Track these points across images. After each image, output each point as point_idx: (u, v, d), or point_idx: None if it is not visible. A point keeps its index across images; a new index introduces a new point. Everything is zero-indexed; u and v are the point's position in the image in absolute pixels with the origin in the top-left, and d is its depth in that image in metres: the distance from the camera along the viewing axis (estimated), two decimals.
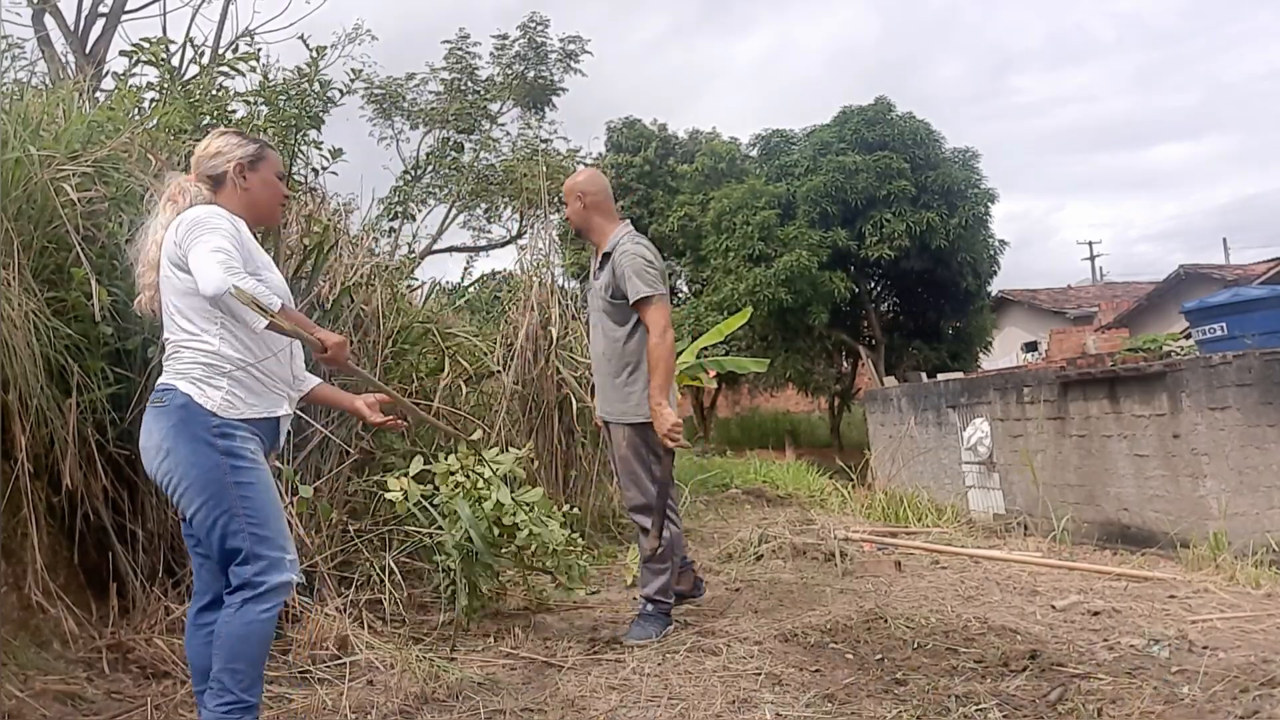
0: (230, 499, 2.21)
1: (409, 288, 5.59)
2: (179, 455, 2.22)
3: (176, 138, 4.28)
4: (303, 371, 2.53)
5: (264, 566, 2.22)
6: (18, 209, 3.01)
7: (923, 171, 17.90)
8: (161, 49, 5.23)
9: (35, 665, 2.70)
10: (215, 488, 2.21)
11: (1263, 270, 18.67)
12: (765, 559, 5.04)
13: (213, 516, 2.21)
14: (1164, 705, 2.58)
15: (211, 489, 2.21)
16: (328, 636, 3.10)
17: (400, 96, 15.02)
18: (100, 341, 3.11)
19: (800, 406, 25.73)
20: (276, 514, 2.29)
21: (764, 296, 16.93)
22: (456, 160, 14.32)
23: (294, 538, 2.52)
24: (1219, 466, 7.54)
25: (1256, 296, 8.95)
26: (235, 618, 2.21)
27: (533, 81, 15.16)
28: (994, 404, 10.65)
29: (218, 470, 2.21)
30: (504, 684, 2.94)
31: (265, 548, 2.23)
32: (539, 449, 5.37)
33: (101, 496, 3.07)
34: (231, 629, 2.21)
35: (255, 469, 2.26)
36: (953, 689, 2.75)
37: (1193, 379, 7.85)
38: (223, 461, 2.21)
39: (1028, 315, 25.94)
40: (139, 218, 2.74)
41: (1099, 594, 4.04)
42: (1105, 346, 16.09)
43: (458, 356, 4.97)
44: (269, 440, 2.37)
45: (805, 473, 14.34)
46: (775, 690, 2.83)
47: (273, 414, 2.36)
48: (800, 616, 3.70)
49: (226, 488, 2.21)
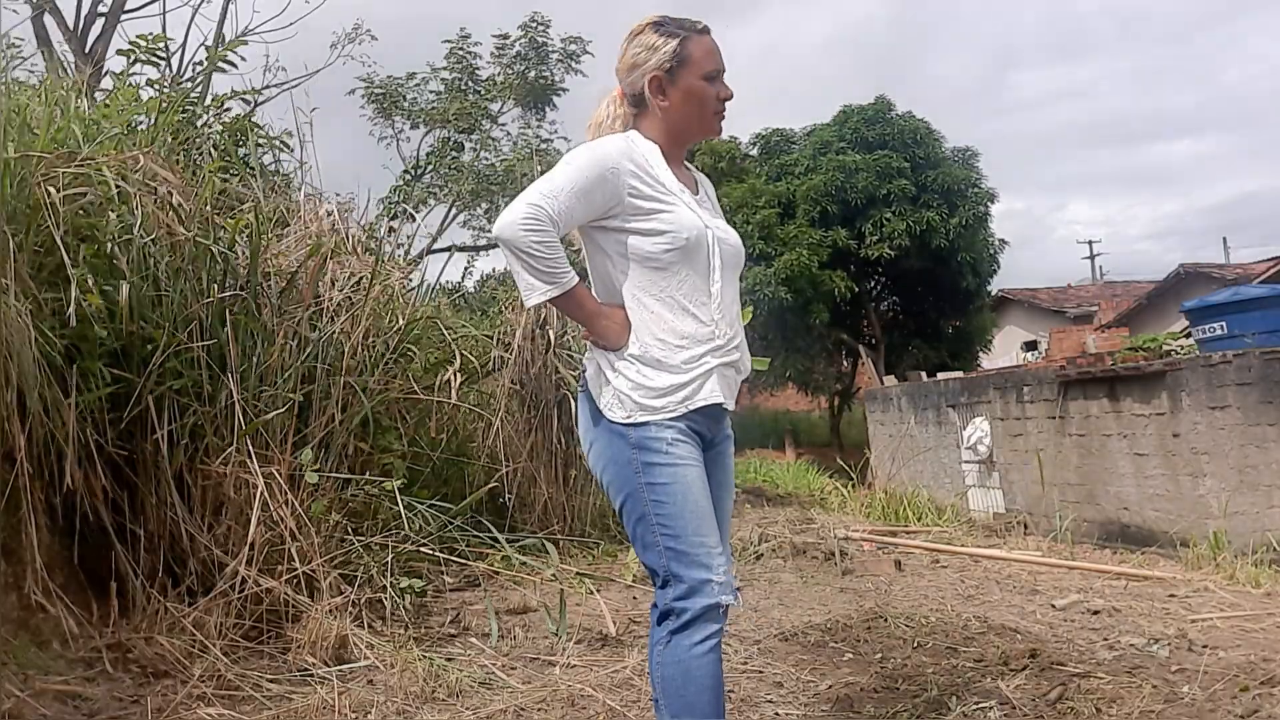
0: (643, 502, 1.85)
1: (408, 288, 5.59)
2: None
3: (175, 137, 4.28)
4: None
5: (684, 590, 1.82)
6: (14, 209, 3.01)
7: (923, 171, 17.90)
8: (158, 47, 5.23)
9: (35, 665, 2.70)
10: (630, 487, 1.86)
11: (1263, 269, 18.67)
12: (765, 558, 5.04)
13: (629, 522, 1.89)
14: (1164, 704, 2.58)
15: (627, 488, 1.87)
16: (328, 636, 3.10)
17: (400, 96, 15.03)
18: (98, 342, 3.11)
19: (800, 406, 25.72)
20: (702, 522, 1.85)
21: (764, 295, 16.92)
22: (457, 160, 14.33)
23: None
24: (1219, 465, 7.53)
25: (1256, 295, 8.94)
26: (667, 654, 1.83)
27: (533, 81, 15.16)
28: (994, 403, 10.64)
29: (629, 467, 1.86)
30: (503, 684, 2.94)
31: (682, 565, 1.82)
32: (539, 448, 5.37)
33: (101, 496, 3.07)
34: (667, 670, 1.83)
35: (673, 467, 1.84)
36: (953, 688, 2.75)
37: (1193, 378, 7.84)
38: (634, 457, 1.86)
39: (1028, 314, 25.93)
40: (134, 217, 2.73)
41: (1099, 593, 4.04)
42: (1105, 346, 16.08)
43: (462, 351, 4.97)
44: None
45: (805, 472, 14.35)
46: (775, 690, 2.83)
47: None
48: (800, 616, 3.70)
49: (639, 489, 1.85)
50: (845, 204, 17.64)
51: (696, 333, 1.87)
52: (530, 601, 4.01)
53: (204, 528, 3.31)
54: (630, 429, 1.84)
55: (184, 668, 2.85)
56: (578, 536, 5.30)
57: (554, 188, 1.81)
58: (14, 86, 4.03)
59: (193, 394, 3.38)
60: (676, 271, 1.88)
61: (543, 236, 1.79)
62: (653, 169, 1.90)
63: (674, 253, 1.86)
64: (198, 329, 3.40)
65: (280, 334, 3.68)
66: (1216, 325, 8.68)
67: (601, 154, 1.86)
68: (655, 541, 1.83)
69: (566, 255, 1.87)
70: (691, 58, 1.93)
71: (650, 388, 1.84)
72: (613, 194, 1.85)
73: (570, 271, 1.84)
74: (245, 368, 3.50)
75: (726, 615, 1.85)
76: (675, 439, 1.83)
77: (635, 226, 1.87)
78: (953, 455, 11.41)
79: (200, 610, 3.08)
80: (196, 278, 3.49)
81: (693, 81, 1.93)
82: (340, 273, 4.32)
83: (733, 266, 1.98)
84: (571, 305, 1.88)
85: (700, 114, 1.97)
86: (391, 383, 4.37)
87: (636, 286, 1.89)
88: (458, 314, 5.72)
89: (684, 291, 1.88)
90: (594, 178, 1.83)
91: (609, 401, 1.88)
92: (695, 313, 1.88)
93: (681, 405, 1.84)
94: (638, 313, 1.88)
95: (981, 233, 18.40)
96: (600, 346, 1.91)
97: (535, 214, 1.78)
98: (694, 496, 1.83)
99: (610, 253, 1.91)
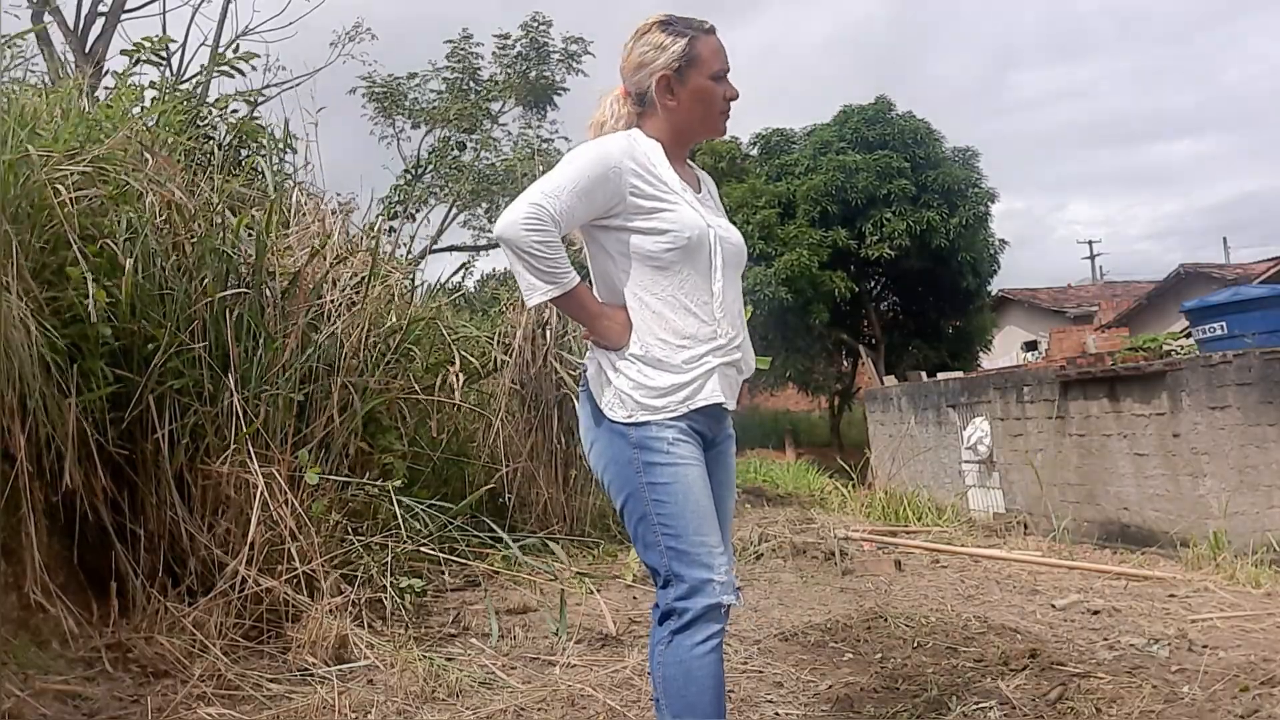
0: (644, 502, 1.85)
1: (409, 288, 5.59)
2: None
3: (176, 136, 4.28)
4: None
5: (685, 590, 1.81)
6: (16, 208, 3.01)
7: (923, 171, 17.91)
8: (162, 47, 5.23)
9: (35, 665, 2.70)
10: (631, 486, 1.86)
11: (1263, 269, 18.67)
12: (765, 558, 5.04)
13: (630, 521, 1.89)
14: (1164, 704, 2.58)
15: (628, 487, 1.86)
16: (328, 636, 3.10)
17: (402, 95, 15.04)
18: (99, 341, 3.11)
19: (800, 406, 25.73)
20: (704, 521, 1.84)
21: (764, 295, 16.92)
22: (457, 159, 14.34)
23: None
24: (1219, 465, 7.54)
25: (1256, 295, 8.94)
26: (668, 654, 1.83)
27: (534, 81, 15.17)
28: (994, 403, 10.65)
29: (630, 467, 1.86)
30: (503, 684, 2.94)
31: (683, 565, 1.81)
32: (539, 448, 5.38)
33: (101, 496, 3.07)
34: (668, 670, 1.82)
35: (674, 467, 1.83)
36: (953, 688, 2.75)
37: (1193, 378, 7.84)
38: (635, 456, 1.85)
39: (1028, 314, 25.94)
40: (137, 216, 2.73)
41: (1099, 593, 4.04)
42: (1105, 346, 16.08)
43: (463, 351, 4.97)
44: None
45: (805, 472, 14.37)
46: (775, 690, 2.83)
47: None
48: (800, 616, 3.70)
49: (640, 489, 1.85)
50: (845, 204, 17.65)
51: (698, 332, 1.86)
52: (530, 601, 4.00)
53: (204, 527, 3.31)
54: (631, 428, 1.84)
55: (184, 667, 2.85)
56: (578, 536, 5.30)
57: (555, 187, 1.80)
58: (17, 86, 4.03)
59: (193, 394, 3.38)
60: (678, 271, 1.87)
61: (544, 236, 1.78)
62: (655, 168, 1.89)
63: (675, 252, 1.85)
64: (199, 328, 3.40)
65: (283, 334, 3.68)
66: (1216, 325, 8.69)
67: (604, 152, 1.85)
68: (656, 541, 1.82)
69: (568, 254, 1.87)
70: (700, 57, 1.92)
71: (651, 387, 1.84)
72: (615, 193, 1.84)
73: (571, 271, 1.83)
74: (246, 367, 3.50)
75: (728, 615, 1.85)
76: (676, 438, 1.83)
77: (637, 225, 1.86)
78: (953, 455, 11.42)
79: (200, 610, 3.07)
80: (200, 277, 3.49)
81: (701, 81, 1.93)
82: (342, 272, 4.32)
83: (735, 265, 1.98)
84: (573, 305, 1.88)
85: (707, 114, 1.96)
86: (392, 383, 4.37)
87: (638, 286, 1.88)
88: (458, 314, 5.71)
89: (685, 291, 1.87)
90: (596, 177, 1.82)
91: (610, 401, 1.87)
92: (697, 312, 1.87)
93: (683, 405, 1.84)
94: (639, 312, 1.87)
95: (981, 233, 18.42)
96: (602, 346, 1.91)
97: (537, 213, 1.78)
98: (695, 496, 1.82)
99: (612, 252, 1.90)
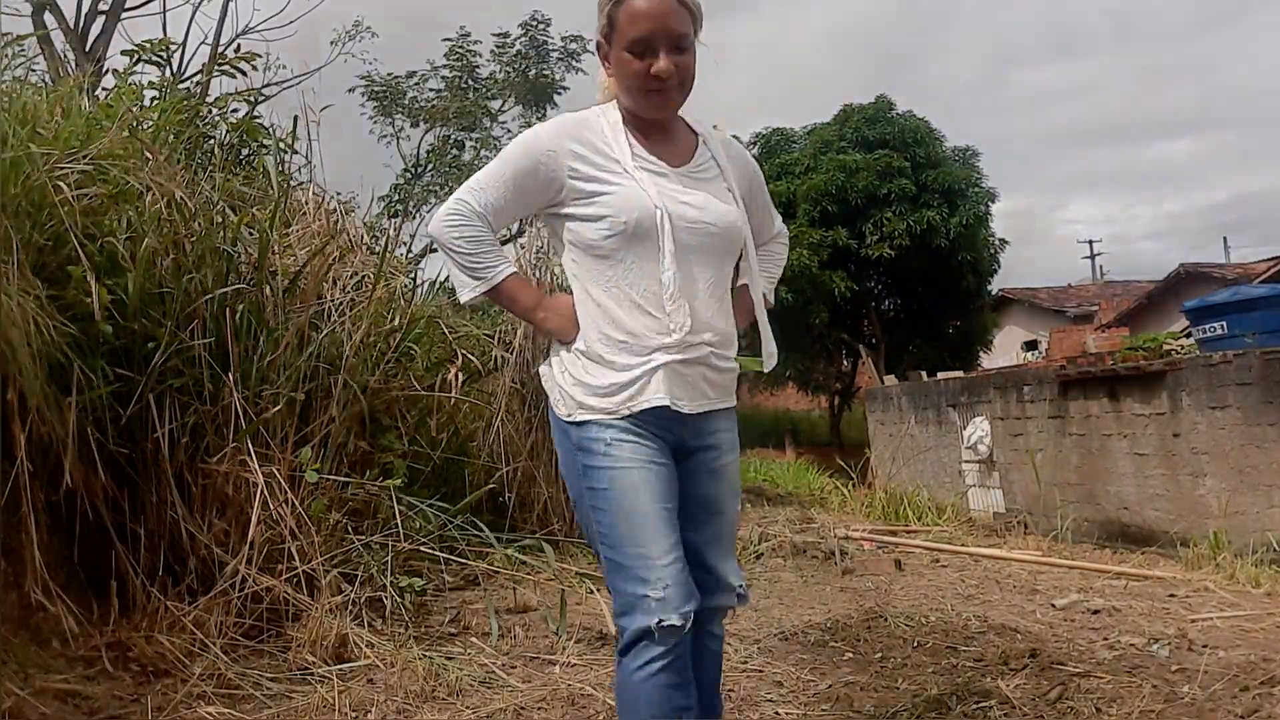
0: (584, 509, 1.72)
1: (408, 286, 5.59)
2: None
3: (177, 136, 4.28)
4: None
5: (620, 606, 1.65)
6: (17, 207, 3.01)
7: (923, 170, 17.90)
8: (162, 49, 5.22)
9: (35, 664, 2.70)
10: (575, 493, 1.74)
11: (1263, 269, 18.66)
12: (765, 558, 5.04)
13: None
14: (1164, 704, 2.58)
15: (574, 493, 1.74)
16: (328, 635, 3.10)
17: (401, 94, 15.03)
18: (100, 340, 3.11)
19: (800, 405, 25.75)
20: (641, 531, 1.64)
21: None
22: (457, 158, 14.33)
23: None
24: (1219, 465, 7.54)
25: (1257, 295, 8.95)
26: (617, 676, 1.67)
27: (534, 79, 15.16)
28: (994, 403, 10.65)
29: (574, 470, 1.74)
30: (503, 683, 2.94)
31: (621, 580, 1.64)
32: (539, 448, 5.37)
33: (101, 495, 3.07)
34: (617, 693, 1.68)
35: (611, 470, 1.67)
36: (953, 688, 2.75)
37: (1193, 378, 7.85)
38: (577, 458, 1.72)
39: (1028, 314, 25.94)
40: (138, 215, 2.73)
41: (1099, 593, 4.04)
42: (1105, 345, 16.09)
43: (463, 350, 4.97)
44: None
45: (805, 471, 14.37)
46: (775, 690, 2.83)
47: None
48: (800, 616, 3.70)
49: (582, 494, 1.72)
50: (845, 203, 17.64)
51: (645, 328, 1.67)
52: (530, 601, 4.01)
53: (204, 526, 3.30)
54: (572, 428, 1.70)
55: (184, 666, 2.85)
56: (578, 536, 5.30)
57: (480, 181, 1.74)
58: (18, 84, 4.03)
59: (194, 392, 3.38)
60: (622, 259, 1.68)
61: (464, 231, 1.71)
62: (609, 146, 1.71)
63: (615, 239, 1.67)
64: (199, 327, 3.40)
65: (283, 333, 3.68)
66: (1217, 325, 8.70)
67: (531, 141, 1.74)
68: (599, 550, 1.68)
69: (501, 249, 1.79)
70: (618, 24, 1.68)
71: (591, 385, 1.68)
72: (550, 179, 1.70)
73: (499, 267, 1.74)
74: (247, 366, 3.50)
75: (674, 637, 1.59)
76: (616, 439, 1.65)
77: (574, 211, 1.71)
78: (953, 455, 11.42)
79: (200, 609, 3.07)
80: (201, 275, 3.49)
81: (617, 53, 1.70)
82: (343, 271, 4.32)
83: (709, 250, 1.73)
84: (504, 300, 1.81)
85: (630, 90, 1.71)
86: (392, 382, 4.37)
87: (586, 277, 1.72)
88: (458, 313, 5.70)
89: (630, 281, 1.68)
90: (524, 168, 1.71)
91: (556, 397, 1.75)
92: (643, 304, 1.67)
93: (624, 406, 1.66)
94: (584, 304, 1.72)
95: (982, 232, 18.42)
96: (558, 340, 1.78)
97: (458, 209, 1.72)
98: (633, 502, 1.63)
99: (564, 240, 1.76)
